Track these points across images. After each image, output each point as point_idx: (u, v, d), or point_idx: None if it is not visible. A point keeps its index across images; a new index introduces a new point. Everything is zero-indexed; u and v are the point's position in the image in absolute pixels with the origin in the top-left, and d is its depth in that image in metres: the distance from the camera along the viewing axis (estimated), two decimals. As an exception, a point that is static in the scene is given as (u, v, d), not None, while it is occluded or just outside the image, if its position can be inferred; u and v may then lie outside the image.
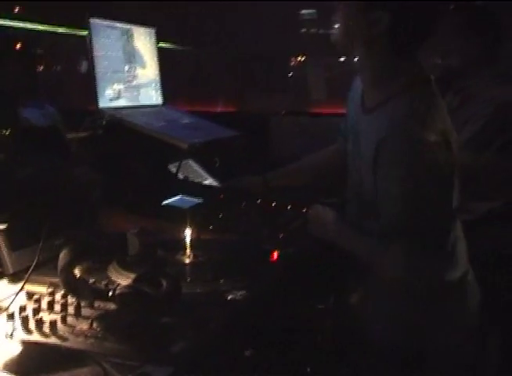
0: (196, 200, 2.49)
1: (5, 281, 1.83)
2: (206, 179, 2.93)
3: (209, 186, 2.82)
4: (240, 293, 1.70)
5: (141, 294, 1.47)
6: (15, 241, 1.86)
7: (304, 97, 5.92)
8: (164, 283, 1.54)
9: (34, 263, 1.70)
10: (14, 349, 1.35)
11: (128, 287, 1.51)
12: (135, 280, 1.54)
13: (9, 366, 1.28)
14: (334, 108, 5.09)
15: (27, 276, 1.69)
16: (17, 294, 1.64)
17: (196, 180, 2.86)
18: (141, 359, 1.29)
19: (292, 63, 6.49)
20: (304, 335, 2.03)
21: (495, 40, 2.80)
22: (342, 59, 5.86)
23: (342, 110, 2.19)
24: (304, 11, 6.20)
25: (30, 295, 1.66)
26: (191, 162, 2.94)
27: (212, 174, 2.95)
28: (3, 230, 1.84)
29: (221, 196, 2.63)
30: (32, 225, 1.85)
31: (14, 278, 1.82)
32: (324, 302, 2.14)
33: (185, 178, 2.79)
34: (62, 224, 1.94)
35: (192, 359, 1.34)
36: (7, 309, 1.61)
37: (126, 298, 1.48)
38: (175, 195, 2.52)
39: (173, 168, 2.77)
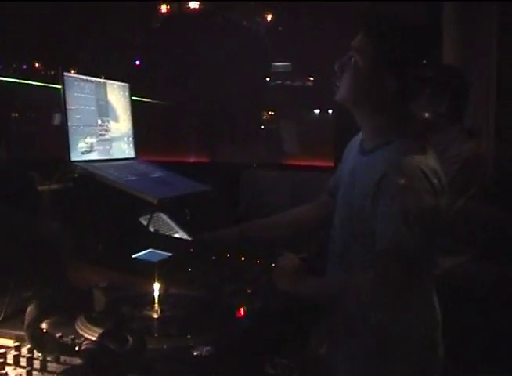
0: (165, 254, 2.51)
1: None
2: (176, 232, 2.95)
3: (179, 239, 2.84)
4: (206, 349, 1.71)
5: (106, 350, 1.47)
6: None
7: (276, 150, 5.99)
8: (130, 339, 1.55)
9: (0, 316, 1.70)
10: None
11: (93, 342, 1.51)
12: (100, 336, 1.55)
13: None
14: (307, 161, 5.18)
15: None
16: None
17: (167, 233, 2.88)
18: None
19: (265, 116, 6.59)
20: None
21: (464, 102, 3.01)
22: (315, 111, 5.97)
23: (315, 162, 2.26)
24: (278, 63, 6.32)
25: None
26: (162, 215, 2.96)
27: (183, 227, 2.98)
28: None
29: (191, 249, 2.64)
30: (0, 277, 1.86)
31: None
32: (290, 358, 2.15)
33: (156, 231, 2.80)
34: (31, 277, 1.94)
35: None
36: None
37: (91, 353, 1.48)
38: (145, 248, 2.53)
39: (144, 221, 2.79)
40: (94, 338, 1.59)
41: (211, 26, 6.30)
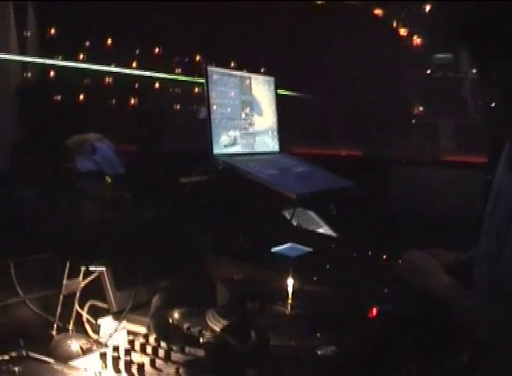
0: (305, 249, 2.49)
1: (110, 319, 1.90)
2: (321, 227, 2.92)
3: (321, 235, 2.81)
4: (331, 348, 1.67)
5: (226, 344, 1.47)
6: (120, 281, 1.93)
7: (430, 145, 5.79)
8: (253, 335, 1.54)
9: (129, 304, 1.76)
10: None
11: (214, 336, 1.52)
12: (222, 330, 1.56)
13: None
14: (463, 157, 4.96)
15: (122, 316, 1.75)
16: (111, 334, 1.70)
17: (310, 228, 2.85)
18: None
19: (418, 110, 6.40)
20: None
21: None
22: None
23: (471, 159, 2.15)
24: (439, 55, 6.09)
25: (127, 335, 1.72)
26: (307, 210, 2.94)
27: (328, 222, 2.94)
28: (110, 271, 1.91)
29: (333, 245, 2.61)
30: (138, 267, 1.92)
31: (118, 316, 1.88)
32: (421, 366, 2.06)
33: (299, 226, 2.79)
34: (167, 267, 1.99)
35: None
36: (105, 345, 1.67)
37: (211, 347, 1.49)
38: (286, 242, 2.53)
39: (288, 215, 2.78)
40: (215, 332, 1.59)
41: (361, 18, 6.16)
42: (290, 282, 2.02)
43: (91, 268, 1.83)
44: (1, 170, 2.09)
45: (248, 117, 2.74)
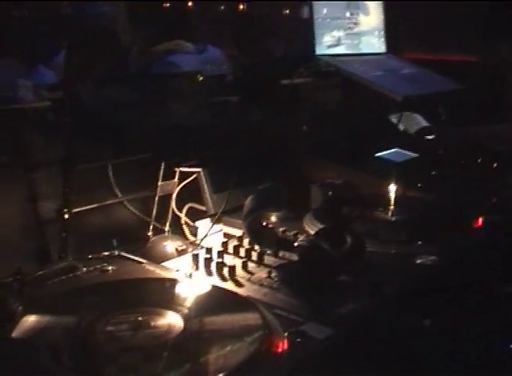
0: (411, 154, 2.40)
1: (207, 221, 1.90)
2: (430, 133, 2.80)
3: (428, 140, 2.70)
4: (431, 258, 1.60)
5: (318, 249, 1.43)
6: (217, 184, 1.92)
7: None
8: (348, 240, 1.49)
9: (223, 206, 1.74)
10: (190, 288, 1.39)
11: (308, 240, 1.48)
12: (316, 235, 1.51)
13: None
14: None
15: (215, 218, 1.74)
16: (205, 236, 1.70)
17: (418, 133, 2.74)
18: (305, 315, 1.27)
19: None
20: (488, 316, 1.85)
21: None
22: None
23: None
24: None
25: (222, 237, 1.71)
26: (415, 113, 2.82)
27: (437, 126, 2.81)
28: (207, 173, 1.90)
29: (441, 152, 2.50)
30: (235, 169, 1.89)
31: (215, 219, 1.87)
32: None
33: (406, 130, 2.69)
34: (265, 170, 1.96)
35: (356, 323, 1.28)
36: (199, 247, 1.68)
37: (303, 251, 1.46)
38: (391, 147, 2.44)
39: (393, 118, 2.68)
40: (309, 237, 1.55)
41: None
42: (393, 188, 1.95)
43: (186, 169, 1.82)
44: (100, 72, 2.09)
45: (353, 17, 2.62)
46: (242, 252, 1.60)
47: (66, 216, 1.71)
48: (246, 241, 1.66)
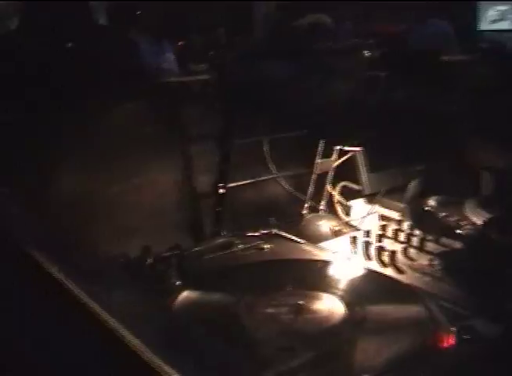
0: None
1: (361, 201, 1.85)
2: None
3: None
4: None
5: (486, 238, 1.35)
6: (373, 164, 1.86)
7: None
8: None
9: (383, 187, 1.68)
10: (350, 272, 1.34)
11: (474, 228, 1.40)
12: (484, 223, 1.43)
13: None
14: None
15: (375, 199, 1.68)
16: (364, 217, 1.65)
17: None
18: (472, 309, 1.19)
19: None
20: None
21: None
22: None
23: None
24: None
25: (380, 220, 1.65)
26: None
27: None
28: (365, 152, 1.84)
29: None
30: (392, 149, 1.82)
31: (371, 199, 1.82)
32: None
33: None
34: (425, 151, 1.87)
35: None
36: (356, 229, 1.63)
37: (470, 239, 1.38)
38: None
39: None
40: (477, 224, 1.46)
41: None
42: None
43: (346, 148, 1.76)
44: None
45: (521, -11, 2.45)
46: (402, 237, 1.53)
47: (222, 191, 1.71)
48: (405, 225, 1.58)
